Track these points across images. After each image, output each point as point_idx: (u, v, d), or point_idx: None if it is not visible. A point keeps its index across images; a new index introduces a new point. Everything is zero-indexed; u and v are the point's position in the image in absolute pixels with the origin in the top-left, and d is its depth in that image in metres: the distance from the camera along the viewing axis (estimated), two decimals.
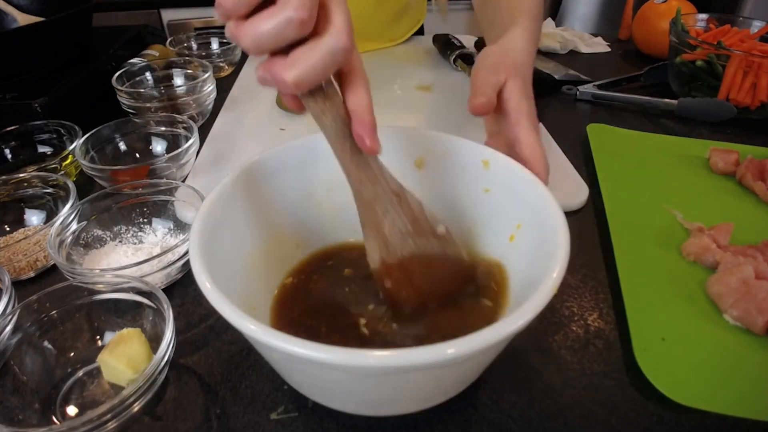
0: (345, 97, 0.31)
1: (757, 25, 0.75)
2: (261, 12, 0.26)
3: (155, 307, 0.37)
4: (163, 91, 0.72)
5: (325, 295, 0.38)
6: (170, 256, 0.42)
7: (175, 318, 0.36)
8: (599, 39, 0.99)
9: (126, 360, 0.34)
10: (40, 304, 0.37)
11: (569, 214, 0.45)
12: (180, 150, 0.54)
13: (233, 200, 0.35)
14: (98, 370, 0.36)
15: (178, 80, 0.75)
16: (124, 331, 0.36)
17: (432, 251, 0.34)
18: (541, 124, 0.65)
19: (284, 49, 0.28)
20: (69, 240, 0.45)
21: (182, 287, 0.45)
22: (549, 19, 1.01)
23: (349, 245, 0.42)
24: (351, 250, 0.42)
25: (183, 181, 0.55)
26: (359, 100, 0.31)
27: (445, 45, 0.86)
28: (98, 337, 0.39)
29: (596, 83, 0.77)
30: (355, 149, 0.31)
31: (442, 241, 0.34)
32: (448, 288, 0.35)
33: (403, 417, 0.34)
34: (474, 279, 0.36)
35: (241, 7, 0.26)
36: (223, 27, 0.31)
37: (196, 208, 0.46)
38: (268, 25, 0.26)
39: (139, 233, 0.49)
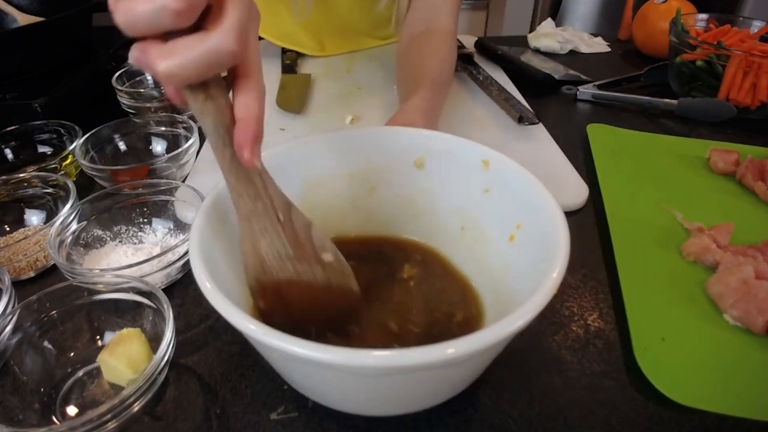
0: (234, 102, 0.28)
1: (757, 25, 0.75)
2: None
3: (155, 307, 0.37)
4: (163, 91, 0.72)
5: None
6: (170, 256, 0.42)
7: (175, 318, 0.36)
8: (599, 39, 0.99)
9: (126, 360, 0.34)
10: (40, 304, 0.37)
11: (569, 214, 0.45)
12: (180, 150, 0.54)
13: None
14: (98, 370, 0.36)
15: None
16: (124, 331, 0.36)
17: (314, 279, 0.31)
18: (541, 124, 0.65)
19: (164, 35, 0.25)
20: (69, 240, 0.45)
21: (182, 287, 0.45)
22: (549, 19, 1.01)
23: (350, 239, 0.43)
24: (352, 245, 0.42)
25: (183, 181, 0.55)
26: (247, 107, 0.28)
27: None
28: (98, 337, 0.38)
29: (596, 83, 0.77)
30: (236, 159, 0.28)
31: (327, 269, 0.32)
32: (330, 318, 0.34)
33: (403, 417, 0.34)
34: (359, 311, 0.34)
35: None
36: None
37: (196, 208, 0.46)
38: (142, 7, 0.23)
39: (139, 233, 0.49)
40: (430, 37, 0.65)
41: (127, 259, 0.45)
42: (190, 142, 0.55)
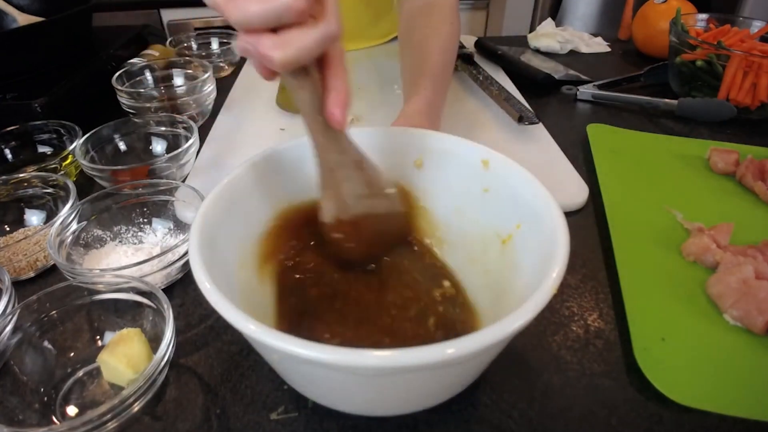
0: (326, 77, 0.32)
1: (757, 25, 0.75)
2: None
3: (155, 307, 0.37)
4: (163, 91, 0.72)
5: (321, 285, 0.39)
6: (170, 256, 0.42)
7: (175, 318, 0.36)
8: (599, 39, 0.99)
9: (126, 360, 0.34)
10: (40, 304, 0.37)
11: (569, 214, 0.45)
12: (180, 150, 0.54)
13: (233, 200, 0.35)
14: (98, 370, 0.36)
15: (178, 80, 0.75)
16: (124, 331, 0.36)
17: (379, 209, 0.38)
18: (541, 124, 0.65)
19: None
20: (69, 240, 0.45)
21: (182, 287, 0.45)
22: (549, 19, 1.01)
23: None
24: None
25: (183, 181, 0.55)
26: (340, 81, 0.32)
27: None
28: (98, 337, 0.39)
29: (596, 83, 0.77)
30: (326, 123, 0.33)
31: (389, 200, 0.38)
32: (389, 238, 0.41)
33: (403, 417, 0.34)
34: (409, 228, 0.42)
35: None
36: (223, 27, 0.31)
37: (196, 208, 0.46)
38: (258, 6, 0.26)
39: (139, 233, 0.49)
40: (430, 14, 0.63)
41: (127, 259, 0.45)
42: (190, 142, 0.55)
